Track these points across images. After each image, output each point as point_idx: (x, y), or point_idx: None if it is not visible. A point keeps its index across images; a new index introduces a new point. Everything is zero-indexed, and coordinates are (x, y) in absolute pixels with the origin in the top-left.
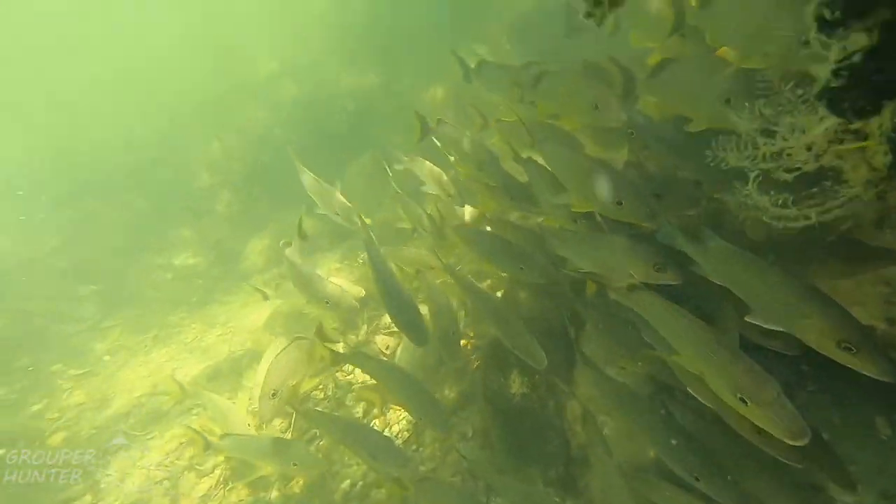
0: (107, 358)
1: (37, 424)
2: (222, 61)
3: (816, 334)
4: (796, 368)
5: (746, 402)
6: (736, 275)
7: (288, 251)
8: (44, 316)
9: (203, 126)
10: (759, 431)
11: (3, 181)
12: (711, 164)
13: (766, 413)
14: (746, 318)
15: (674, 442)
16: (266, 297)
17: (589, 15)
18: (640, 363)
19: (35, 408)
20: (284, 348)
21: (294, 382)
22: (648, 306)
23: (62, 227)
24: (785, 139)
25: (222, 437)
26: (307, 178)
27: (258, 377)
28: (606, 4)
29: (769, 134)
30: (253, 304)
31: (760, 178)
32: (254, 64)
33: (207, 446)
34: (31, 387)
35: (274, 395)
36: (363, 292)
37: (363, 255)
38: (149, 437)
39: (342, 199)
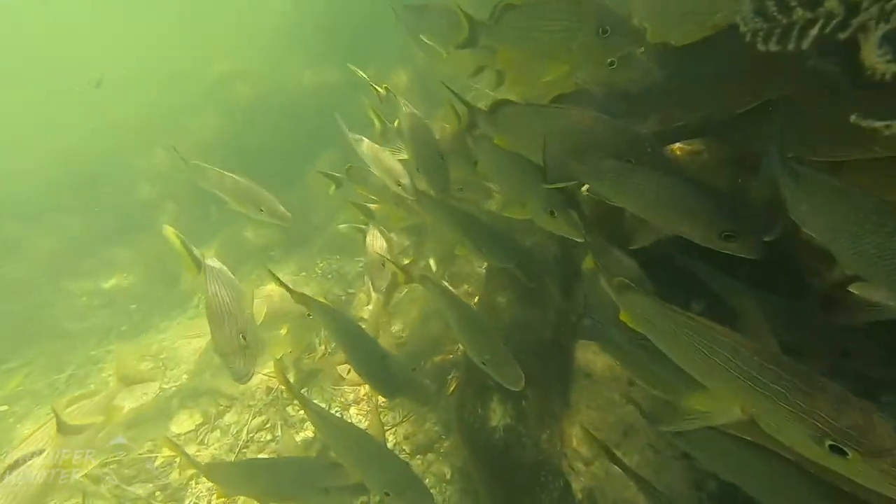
0: (3, 408)
1: None
2: (175, 64)
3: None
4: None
5: (846, 452)
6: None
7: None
8: None
9: (150, 134)
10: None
11: None
12: None
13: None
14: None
15: None
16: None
17: None
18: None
19: None
20: None
21: None
22: (644, 312)
23: None
24: None
25: None
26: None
27: None
28: None
29: None
30: (196, 329)
31: None
32: (208, 66)
33: None
34: None
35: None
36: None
37: (321, 264)
38: None
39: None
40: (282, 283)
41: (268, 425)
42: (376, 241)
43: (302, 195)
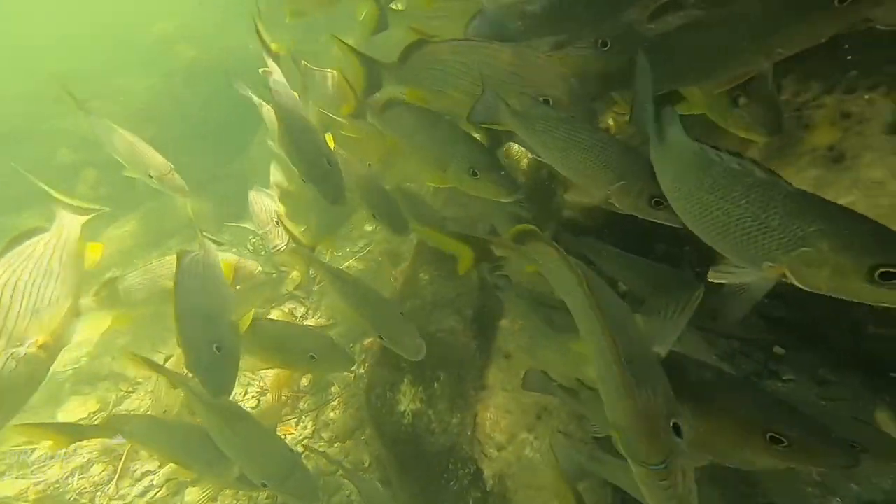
0: None
1: None
2: (111, 21)
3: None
4: (768, 351)
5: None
6: None
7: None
8: None
9: (79, 96)
10: None
11: None
12: None
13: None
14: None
15: None
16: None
17: None
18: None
19: None
20: None
21: None
22: (549, 265)
23: None
24: None
25: None
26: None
27: None
28: None
29: None
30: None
31: None
32: (148, 24)
33: None
34: None
35: None
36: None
37: (254, 240)
38: None
39: None
40: (289, 232)
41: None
42: (259, 202)
43: (245, 166)
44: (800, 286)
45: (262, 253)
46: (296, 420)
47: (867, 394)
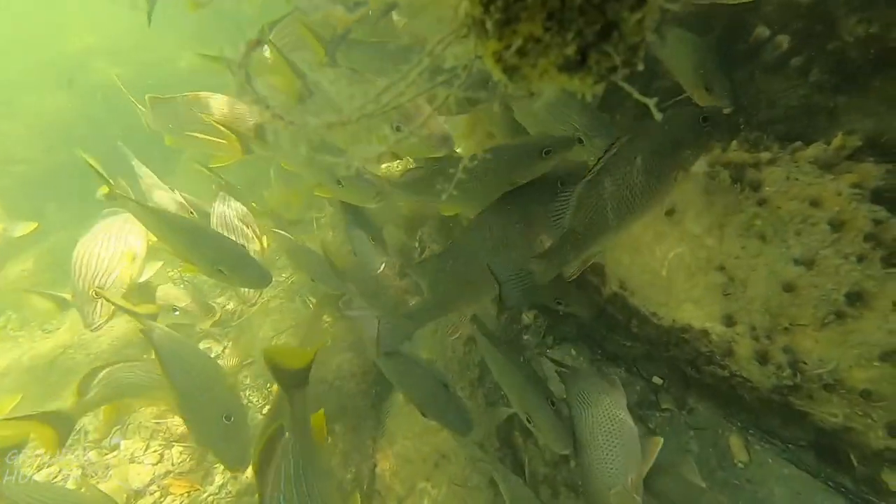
0: None
1: None
2: (21, 32)
3: None
4: (649, 382)
5: None
6: None
7: None
8: None
9: None
10: None
11: None
12: None
13: None
14: None
15: None
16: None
17: None
18: None
19: None
20: None
21: None
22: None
23: None
24: None
25: None
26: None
27: None
28: None
29: None
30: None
31: None
32: (63, 37)
33: None
34: None
35: None
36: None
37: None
38: None
39: None
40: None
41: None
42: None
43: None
44: None
45: (182, 286)
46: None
47: (723, 421)
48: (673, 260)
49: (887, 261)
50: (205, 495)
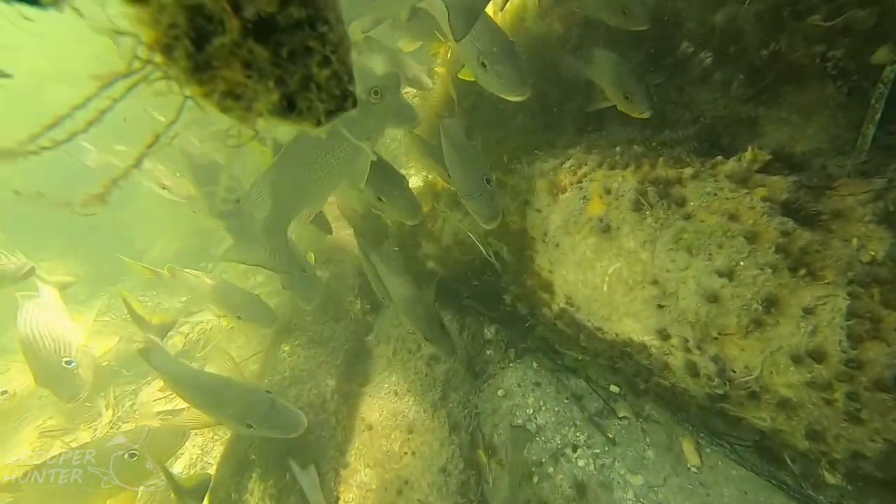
0: None
1: None
2: None
3: None
4: (607, 391)
5: None
6: None
7: None
8: None
9: None
10: None
11: None
12: None
13: None
14: None
15: None
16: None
17: None
18: None
19: None
20: None
21: None
22: None
23: None
24: None
25: None
26: None
27: None
28: None
29: None
30: None
31: None
32: (14, 60)
33: None
34: None
35: None
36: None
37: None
38: None
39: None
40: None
41: None
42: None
43: (127, 218)
44: None
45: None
46: None
47: (677, 426)
48: (612, 275)
49: (794, 270)
50: None
